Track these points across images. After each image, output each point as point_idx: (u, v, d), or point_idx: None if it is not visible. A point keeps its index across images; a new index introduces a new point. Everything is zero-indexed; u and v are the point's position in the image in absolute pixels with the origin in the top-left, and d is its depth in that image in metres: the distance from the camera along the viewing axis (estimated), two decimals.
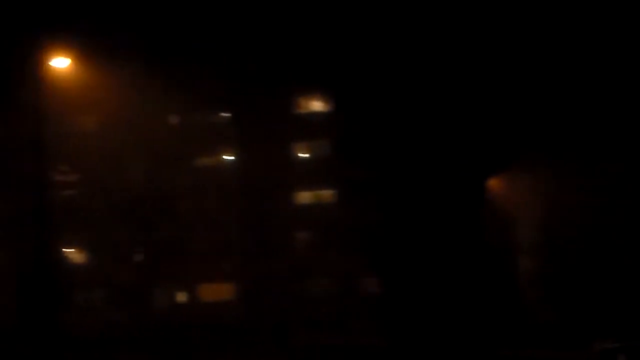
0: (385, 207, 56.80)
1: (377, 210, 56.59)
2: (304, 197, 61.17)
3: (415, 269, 54.78)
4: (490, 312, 47.43)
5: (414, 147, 56.74)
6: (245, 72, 59.74)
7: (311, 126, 61.07)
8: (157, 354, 39.93)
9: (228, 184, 60.34)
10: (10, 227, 59.62)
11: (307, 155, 61.34)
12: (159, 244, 59.67)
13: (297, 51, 57.98)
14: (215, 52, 59.17)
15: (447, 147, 55.92)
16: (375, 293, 56.38)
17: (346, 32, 55.57)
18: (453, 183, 54.93)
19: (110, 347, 44.43)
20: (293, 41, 57.43)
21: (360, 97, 58.10)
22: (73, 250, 62.02)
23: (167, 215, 59.58)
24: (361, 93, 57.72)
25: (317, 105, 61.93)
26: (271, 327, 53.59)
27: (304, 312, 56.92)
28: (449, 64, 51.73)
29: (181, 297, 61.32)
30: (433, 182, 54.77)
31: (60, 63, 28.83)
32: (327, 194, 60.79)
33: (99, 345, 45.33)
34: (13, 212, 58.74)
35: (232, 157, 61.92)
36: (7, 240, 61.01)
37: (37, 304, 34.33)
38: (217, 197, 60.27)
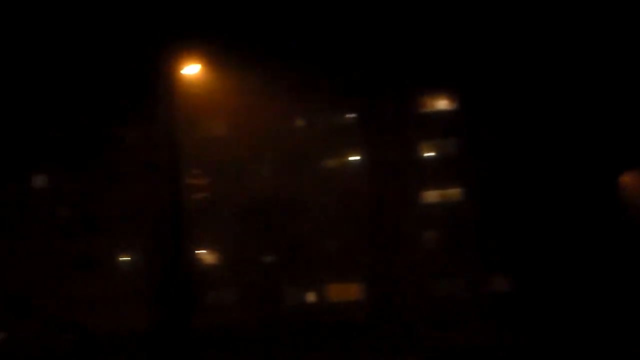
0: (514, 205, 56.01)
1: (506, 208, 55.86)
2: (431, 196, 60.70)
3: (546, 267, 53.81)
4: (625, 311, 46.14)
5: (543, 144, 55.77)
6: (371, 72, 59.86)
7: (437, 125, 60.61)
8: (286, 354, 40.32)
9: (355, 184, 60.49)
10: (146, 229, 61.48)
11: (433, 154, 60.86)
12: (287, 244, 60.36)
13: (422, 50, 57.74)
14: (341, 53, 59.50)
15: (577, 143, 54.78)
16: (506, 292, 55.63)
17: (472, 30, 55.07)
18: (585, 179, 53.70)
19: (241, 347, 45.06)
20: (418, 40, 57.22)
21: (487, 95, 57.46)
22: (205, 251, 63.38)
23: (295, 217, 60.19)
24: (488, 91, 57.08)
25: (443, 103, 61.38)
26: (399, 328, 53.48)
27: (433, 312, 56.57)
28: (579, 60, 50.72)
29: (310, 297, 61.76)
30: (564, 178, 53.67)
31: (192, 69, 29.55)
32: (454, 193, 60.18)
33: (230, 345, 46.04)
34: (148, 215, 60.54)
35: (359, 158, 62.02)
36: (143, 242, 63.00)
37: (171, 304, 35.16)
38: (344, 198, 60.48)
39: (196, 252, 61.65)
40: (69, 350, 48.45)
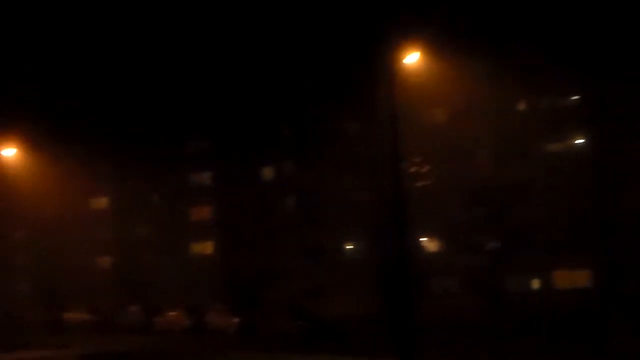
0: None
1: None
2: None
3: None
4: None
5: None
6: (596, 53, 57.58)
7: None
8: (509, 342, 39.69)
9: (580, 168, 58.45)
10: (369, 218, 62.37)
11: None
12: (510, 231, 59.28)
13: None
14: (565, 34, 57.65)
15: None
16: None
17: None
18: None
19: (463, 335, 44.78)
20: None
21: None
22: (427, 239, 63.49)
23: (519, 203, 59.01)
24: None
25: None
26: (629, 315, 51.33)
27: None
28: None
29: (534, 284, 60.51)
30: None
31: (411, 58, 29.61)
32: None
33: (452, 333, 45.85)
34: (371, 204, 61.39)
35: (583, 141, 59.94)
36: (366, 231, 63.94)
37: (394, 292, 35.42)
38: (569, 182, 58.64)
39: (418, 239, 61.86)
40: (301, 336, 49.85)
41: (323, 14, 64.19)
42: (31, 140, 64.54)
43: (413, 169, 59.92)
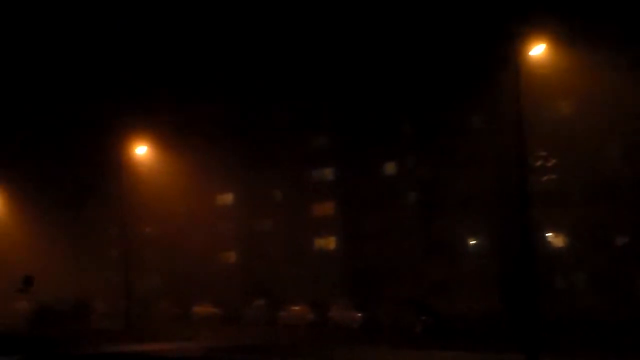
0: None
1: None
2: None
3: None
4: None
5: None
6: None
7: None
8: (638, 340, 38.56)
9: None
10: (493, 213, 61.66)
11: None
12: None
13: None
14: None
15: None
16: None
17: None
18: None
19: (589, 333, 43.85)
20: None
21: None
22: (552, 234, 62.25)
23: None
24: None
25: None
26: None
27: None
28: None
29: None
30: None
31: (537, 50, 29.10)
32: None
33: (578, 331, 44.95)
34: (496, 198, 60.65)
35: None
36: (490, 226, 63.21)
37: (518, 287, 34.98)
38: None
39: (543, 235, 60.72)
40: (424, 332, 49.69)
41: (447, 8, 63.79)
42: (162, 138, 66.58)
43: (539, 163, 58.86)
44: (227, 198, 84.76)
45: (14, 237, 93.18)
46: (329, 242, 76.27)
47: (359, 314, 55.64)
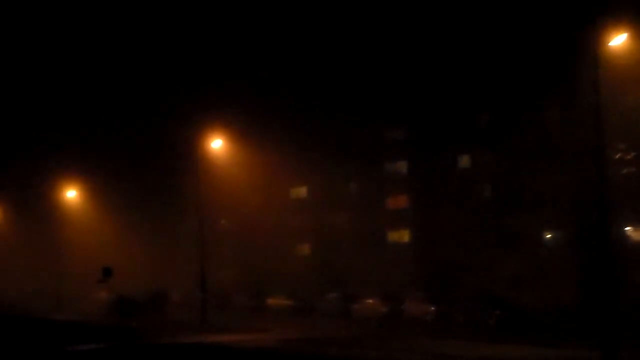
0: None
1: None
2: None
3: None
4: None
5: None
6: None
7: None
8: None
9: None
10: (570, 207, 60.75)
11: None
12: None
13: None
14: None
15: None
16: None
17: None
18: None
19: None
20: None
21: None
22: (632, 228, 61.07)
23: None
24: None
25: None
26: None
27: None
28: None
29: None
30: None
31: (618, 40, 28.58)
32: None
33: None
34: (573, 192, 59.73)
35: None
36: (567, 220, 62.28)
37: (596, 282, 34.46)
38: None
39: (622, 228, 59.61)
40: (498, 326, 49.36)
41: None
42: (237, 132, 67.28)
43: (618, 156, 57.74)
44: (302, 191, 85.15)
45: (94, 230, 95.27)
46: (403, 235, 76.08)
47: (432, 307, 55.50)
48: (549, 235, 66.07)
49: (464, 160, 70.66)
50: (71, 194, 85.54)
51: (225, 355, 34.64)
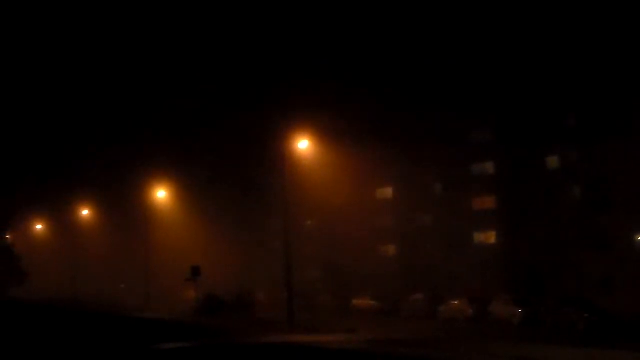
0: None
1: None
2: None
3: None
4: None
5: None
6: None
7: None
8: None
9: None
10: None
11: None
12: None
13: None
14: None
15: None
16: None
17: None
18: None
19: None
20: None
21: None
22: None
23: None
24: None
25: None
26: None
27: None
28: None
29: None
30: None
31: None
32: None
33: None
34: None
35: None
36: None
37: None
38: None
39: None
40: (588, 330, 48.49)
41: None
42: (323, 132, 67.61)
43: None
44: (387, 192, 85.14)
45: (183, 229, 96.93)
46: (489, 237, 75.44)
47: (519, 310, 54.90)
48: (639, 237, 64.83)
49: (553, 161, 69.68)
50: (161, 194, 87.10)
51: (312, 355, 34.85)
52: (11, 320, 49.79)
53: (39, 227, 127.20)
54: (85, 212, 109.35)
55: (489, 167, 75.33)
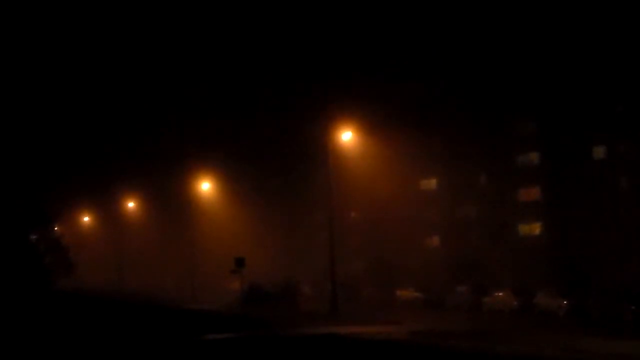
0: None
1: None
2: None
3: None
4: None
5: None
6: None
7: None
8: None
9: None
10: None
11: None
12: None
13: None
14: None
15: None
16: None
17: None
18: None
19: None
20: None
21: None
22: None
23: None
24: None
25: None
26: None
27: None
28: None
29: None
30: None
31: None
32: None
33: None
34: None
35: None
36: None
37: None
38: None
39: None
40: (634, 322, 48.03)
41: None
42: (367, 124, 67.65)
43: None
44: (431, 183, 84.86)
45: (227, 222, 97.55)
46: (534, 228, 74.86)
47: (565, 302, 54.52)
48: None
49: (599, 151, 68.87)
50: (205, 186, 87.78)
51: (357, 347, 34.97)
52: (66, 311, 50.63)
53: (86, 219, 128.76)
54: (131, 205, 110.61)
55: (534, 157, 74.64)
